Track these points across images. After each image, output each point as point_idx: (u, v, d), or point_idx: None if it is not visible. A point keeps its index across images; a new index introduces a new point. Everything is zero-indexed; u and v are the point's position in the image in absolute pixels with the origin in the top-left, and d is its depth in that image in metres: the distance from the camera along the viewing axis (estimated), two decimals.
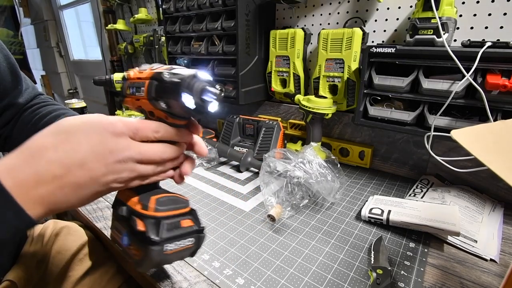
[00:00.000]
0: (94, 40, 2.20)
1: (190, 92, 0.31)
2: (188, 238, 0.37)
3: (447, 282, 0.47)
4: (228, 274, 0.49)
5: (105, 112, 1.87)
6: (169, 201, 0.37)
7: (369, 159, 0.89)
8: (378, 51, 0.68)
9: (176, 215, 0.37)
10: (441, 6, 0.63)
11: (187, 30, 1.06)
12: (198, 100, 0.31)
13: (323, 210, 0.68)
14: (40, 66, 3.07)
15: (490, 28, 0.68)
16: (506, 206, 0.68)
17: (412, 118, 0.68)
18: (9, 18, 2.85)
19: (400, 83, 0.68)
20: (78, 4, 2.28)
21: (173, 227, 0.36)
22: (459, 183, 0.75)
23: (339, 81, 0.85)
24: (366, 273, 0.49)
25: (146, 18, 1.52)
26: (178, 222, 0.37)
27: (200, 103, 0.31)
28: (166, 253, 0.35)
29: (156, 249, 0.34)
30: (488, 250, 0.54)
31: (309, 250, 0.55)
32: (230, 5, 0.91)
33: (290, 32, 0.91)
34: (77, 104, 1.24)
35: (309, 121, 0.87)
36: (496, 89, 0.57)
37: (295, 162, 0.68)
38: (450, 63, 0.60)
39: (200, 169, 0.91)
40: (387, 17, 0.81)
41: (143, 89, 0.34)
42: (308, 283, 0.47)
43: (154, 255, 0.34)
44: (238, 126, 1.04)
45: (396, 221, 0.58)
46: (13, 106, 0.52)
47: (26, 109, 0.53)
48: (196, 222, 0.39)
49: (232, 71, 0.97)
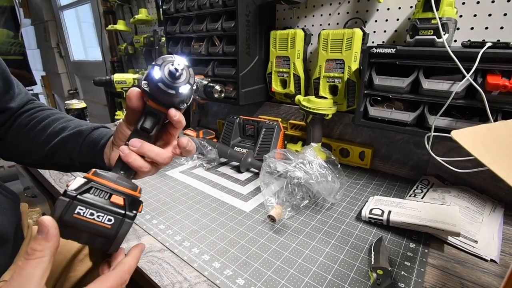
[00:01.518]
0: (94, 41, 2.20)
1: (158, 65, 0.34)
2: (108, 215, 0.33)
3: (447, 283, 0.47)
4: (229, 274, 0.49)
5: (105, 112, 1.87)
6: (112, 178, 0.35)
7: (369, 160, 0.89)
8: (378, 51, 0.68)
9: (111, 187, 0.34)
10: (441, 7, 0.63)
11: (187, 31, 1.06)
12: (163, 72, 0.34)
13: (323, 210, 0.68)
14: (40, 66, 3.08)
15: (490, 29, 0.68)
16: (507, 207, 0.68)
17: (412, 118, 0.68)
18: (9, 19, 2.86)
19: (401, 83, 0.68)
20: (78, 5, 2.28)
21: (99, 194, 0.33)
22: (460, 183, 0.75)
23: (339, 81, 0.85)
24: (367, 273, 0.49)
25: (146, 18, 1.52)
26: (107, 194, 0.34)
27: (166, 76, 0.34)
28: (74, 215, 0.31)
29: (62, 200, 0.31)
30: (489, 251, 0.53)
31: (310, 251, 0.55)
32: (230, 5, 0.91)
33: (290, 33, 0.91)
34: (77, 104, 1.24)
35: (309, 121, 0.87)
36: (496, 89, 0.57)
37: (296, 163, 0.68)
38: (451, 64, 0.60)
39: (201, 169, 0.91)
40: (387, 18, 0.81)
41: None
42: (309, 283, 0.47)
43: (58, 204, 0.31)
44: (239, 126, 1.04)
45: (396, 222, 0.58)
46: (5, 110, 0.51)
47: (21, 114, 0.53)
48: (129, 207, 0.35)
49: (232, 72, 0.97)
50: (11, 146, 0.53)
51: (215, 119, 1.31)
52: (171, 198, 0.73)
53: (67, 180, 0.81)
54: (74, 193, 0.32)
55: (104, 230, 0.33)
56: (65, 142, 0.50)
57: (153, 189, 0.78)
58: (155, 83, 0.34)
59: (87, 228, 0.32)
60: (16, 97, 0.53)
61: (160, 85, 0.34)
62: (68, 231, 0.32)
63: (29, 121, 0.52)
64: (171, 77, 0.34)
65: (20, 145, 0.52)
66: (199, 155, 0.97)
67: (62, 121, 0.53)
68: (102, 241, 0.34)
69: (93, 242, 0.34)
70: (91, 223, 0.32)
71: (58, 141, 0.50)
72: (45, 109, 0.55)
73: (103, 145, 0.47)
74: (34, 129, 0.51)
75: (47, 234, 0.29)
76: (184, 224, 0.63)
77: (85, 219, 0.32)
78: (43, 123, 0.52)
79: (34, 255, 0.29)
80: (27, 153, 0.52)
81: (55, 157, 0.50)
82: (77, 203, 0.32)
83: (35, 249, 0.29)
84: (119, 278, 0.34)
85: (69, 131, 0.50)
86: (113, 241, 0.34)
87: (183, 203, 0.71)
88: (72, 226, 0.32)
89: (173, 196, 0.74)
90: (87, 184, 0.33)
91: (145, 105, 0.38)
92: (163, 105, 0.36)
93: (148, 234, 0.60)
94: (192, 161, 0.96)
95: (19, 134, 0.52)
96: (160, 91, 0.34)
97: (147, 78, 0.35)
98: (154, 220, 0.64)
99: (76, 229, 0.32)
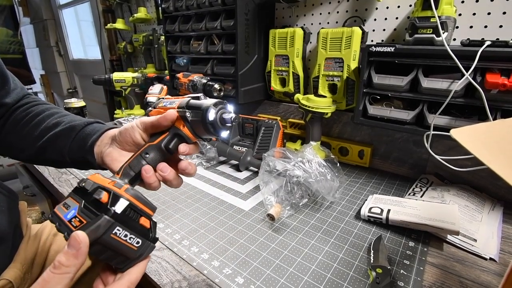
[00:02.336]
0: (94, 40, 2.20)
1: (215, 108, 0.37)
2: (137, 237, 0.33)
3: (446, 281, 0.48)
4: (228, 273, 0.49)
5: (104, 111, 1.87)
6: (140, 196, 0.35)
7: (369, 158, 0.89)
8: (377, 50, 0.68)
9: (140, 208, 0.35)
10: (440, 5, 0.63)
11: (187, 30, 1.05)
12: (217, 116, 0.37)
13: (322, 209, 0.68)
14: (39, 65, 3.07)
15: (490, 27, 0.68)
16: (506, 205, 0.68)
17: (412, 117, 0.68)
18: (8, 18, 2.84)
19: (400, 82, 0.68)
20: (77, 4, 2.28)
21: (131, 214, 0.33)
22: (459, 182, 0.76)
23: (338, 80, 0.85)
24: (366, 272, 0.49)
25: (145, 17, 1.52)
26: (137, 215, 0.34)
27: (218, 121, 0.37)
28: (112, 235, 0.31)
29: (107, 220, 0.30)
30: (488, 249, 0.54)
31: (309, 249, 0.55)
32: (229, 4, 0.91)
33: (289, 31, 0.91)
34: (76, 103, 1.24)
35: (308, 120, 0.87)
36: (495, 88, 0.57)
37: (295, 161, 0.68)
38: (450, 62, 0.60)
39: (200, 168, 0.91)
40: (386, 16, 0.81)
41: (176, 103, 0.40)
42: (308, 282, 0.47)
43: (102, 224, 0.30)
44: (238, 125, 1.04)
45: (395, 220, 0.58)
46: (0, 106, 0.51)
47: (16, 109, 0.53)
48: (152, 230, 0.36)
49: (231, 70, 0.97)
50: (6, 142, 0.52)
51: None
52: (170, 197, 0.73)
53: (66, 179, 0.81)
54: (120, 215, 0.32)
55: (130, 251, 0.33)
56: (57, 137, 0.49)
57: None
58: (204, 121, 0.36)
59: (116, 247, 0.32)
60: (11, 92, 0.53)
61: (208, 126, 0.36)
62: (97, 249, 0.31)
63: (24, 116, 0.52)
64: (222, 124, 0.37)
65: (14, 141, 0.52)
66: (198, 154, 0.97)
67: (56, 116, 0.52)
68: (121, 259, 0.33)
69: (112, 259, 0.33)
70: (122, 244, 0.32)
71: (50, 137, 0.49)
72: (40, 104, 0.55)
73: (95, 141, 0.46)
74: (28, 125, 0.51)
75: (78, 251, 0.29)
76: (183, 222, 0.63)
77: (119, 240, 0.32)
78: (37, 119, 0.51)
79: (61, 269, 0.28)
80: (21, 148, 0.51)
81: (47, 152, 0.50)
82: (117, 224, 0.31)
83: (63, 263, 0.28)
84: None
85: (62, 126, 0.50)
86: (132, 262, 0.34)
87: (182, 202, 0.71)
88: (105, 245, 0.31)
89: (172, 195, 0.74)
90: (126, 203, 0.33)
91: (174, 128, 0.39)
92: (196, 136, 0.39)
93: None
94: (191, 160, 0.96)
95: (13, 130, 0.52)
96: (205, 128, 0.37)
97: (194, 109, 0.37)
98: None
99: (106, 247, 0.31)
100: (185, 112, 0.37)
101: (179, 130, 0.38)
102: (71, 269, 0.29)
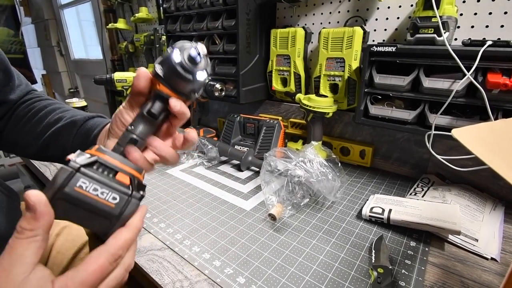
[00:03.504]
0: (95, 39, 2.20)
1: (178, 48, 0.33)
2: (113, 193, 0.30)
3: (448, 281, 0.48)
4: (229, 273, 0.49)
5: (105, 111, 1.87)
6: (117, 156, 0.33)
7: (370, 158, 0.89)
8: (378, 50, 0.68)
9: (117, 165, 0.32)
10: (441, 5, 0.63)
11: (188, 29, 1.05)
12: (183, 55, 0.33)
13: (324, 209, 0.68)
14: (40, 65, 3.08)
15: (491, 27, 0.67)
16: (507, 205, 0.68)
17: (413, 117, 0.68)
18: (9, 17, 2.85)
19: (401, 82, 0.68)
20: (78, 3, 2.28)
21: (103, 170, 0.31)
22: (460, 182, 0.75)
23: (339, 80, 0.85)
24: (367, 272, 0.49)
25: (146, 17, 1.52)
26: (112, 171, 0.31)
27: (185, 60, 0.33)
28: (76, 188, 0.28)
29: (64, 169, 0.28)
30: (489, 249, 0.54)
31: (310, 249, 0.55)
32: (230, 4, 0.91)
33: (290, 31, 0.91)
34: (78, 103, 1.24)
35: (309, 120, 0.87)
36: (496, 88, 0.57)
37: (296, 161, 0.68)
38: (451, 62, 0.60)
39: (201, 168, 0.92)
40: (387, 16, 0.81)
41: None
42: (309, 282, 0.47)
43: (59, 175, 0.28)
44: (239, 125, 1.04)
45: (397, 220, 0.59)
46: (4, 103, 0.51)
47: (19, 105, 0.53)
48: (134, 188, 0.32)
49: (232, 70, 0.97)
50: (10, 139, 0.52)
51: (215, 118, 1.31)
52: (171, 197, 0.74)
53: None
54: (78, 164, 0.29)
55: (107, 209, 0.30)
56: (59, 133, 0.49)
57: (153, 187, 0.78)
58: (173, 66, 0.32)
59: (88, 205, 0.29)
60: (16, 89, 0.53)
61: (178, 69, 0.33)
62: (64, 207, 0.28)
63: (26, 112, 0.52)
64: (191, 62, 0.33)
65: (17, 137, 0.52)
66: (199, 153, 0.98)
67: (58, 111, 0.52)
68: (102, 222, 0.30)
69: (91, 223, 0.30)
70: (93, 200, 0.29)
71: (52, 133, 0.49)
72: (43, 99, 0.55)
73: (96, 135, 0.46)
74: (31, 121, 0.51)
75: (36, 212, 0.26)
76: (185, 222, 0.63)
77: (88, 194, 0.29)
78: (40, 114, 0.51)
79: (24, 234, 0.26)
80: (25, 145, 0.51)
81: (50, 149, 0.50)
82: (80, 175, 0.28)
83: (25, 227, 0.26)
84: (111, 256, 0.29)
85: (63, 122, 0.50)
86: (115, 223, 0.31)
87: (184, 202, 0.71)
88: (71, 201, 0.28)
89: (174, 195, 0.75)
90: (91, 158, 0.30)
91: (153, 90, 0.36)
92: (175, 91, 0.35)
93: (148, 232, 0.60)
94: (192, 160, 0.96)
95: (17, 126, 0.52)
96: (176, 74, 0.33)
97: (163, 62, 0.33)
98: (155, 219, 0.64)
99: (75, 205, 0.28)
100: (156, 68, 0.34)
101: (158, 91, 0.35)
102: (37, 232, 0.26)
